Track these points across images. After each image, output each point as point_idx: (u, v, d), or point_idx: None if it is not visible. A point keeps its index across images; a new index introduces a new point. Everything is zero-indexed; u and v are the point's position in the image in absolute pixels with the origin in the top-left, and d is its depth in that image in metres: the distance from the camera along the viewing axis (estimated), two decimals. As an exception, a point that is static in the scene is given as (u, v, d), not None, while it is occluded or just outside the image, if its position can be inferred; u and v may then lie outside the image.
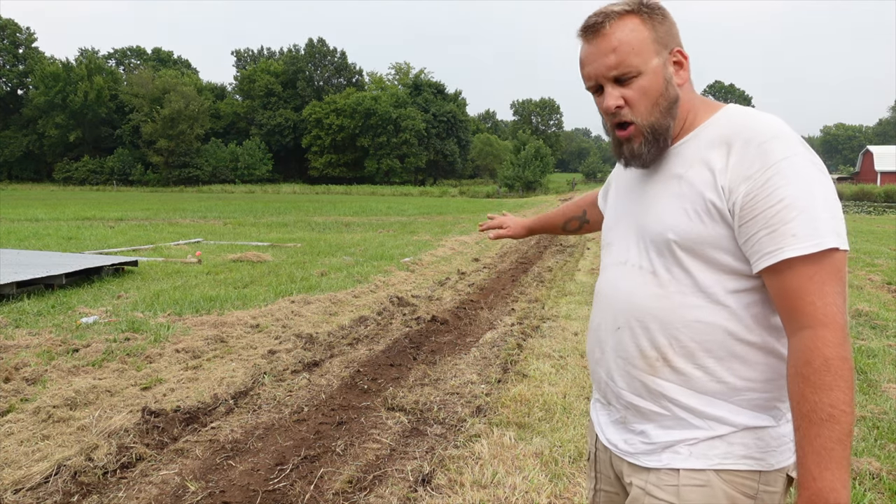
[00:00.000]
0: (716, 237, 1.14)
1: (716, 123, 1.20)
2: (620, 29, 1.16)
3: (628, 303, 1.24)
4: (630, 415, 1.26)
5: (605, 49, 1.17)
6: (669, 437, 1.20)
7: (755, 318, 1.16)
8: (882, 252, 12.32)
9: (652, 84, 1.18)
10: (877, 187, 45.66)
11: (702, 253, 1.15)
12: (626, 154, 1.24)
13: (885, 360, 5.02)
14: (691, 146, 1.21)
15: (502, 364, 4.94)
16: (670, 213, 1.18)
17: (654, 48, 1.17)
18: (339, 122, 66.31)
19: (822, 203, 1.07)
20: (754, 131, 1.13)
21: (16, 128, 66.06)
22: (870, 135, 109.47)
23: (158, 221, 19.23)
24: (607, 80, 1.19)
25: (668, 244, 1.18)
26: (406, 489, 3.00)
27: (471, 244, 13.70)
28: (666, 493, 1.19)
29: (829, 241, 1.05)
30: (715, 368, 1.16)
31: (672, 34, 1.21)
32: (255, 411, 3.97)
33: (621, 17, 1.17)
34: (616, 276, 1.29)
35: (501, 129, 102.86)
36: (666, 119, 1.20)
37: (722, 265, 1.15)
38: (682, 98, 1.22)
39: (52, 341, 5.28)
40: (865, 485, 3.01)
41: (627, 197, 1.33)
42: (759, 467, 1.16)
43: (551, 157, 59.99)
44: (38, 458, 3.19)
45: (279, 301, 7.13)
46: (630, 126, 1.21)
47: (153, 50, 78.56)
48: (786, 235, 1.06)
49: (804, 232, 1.05)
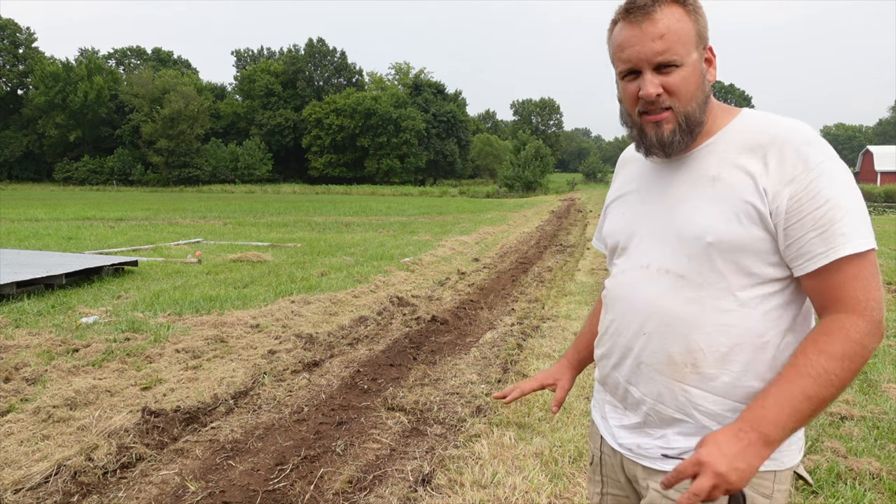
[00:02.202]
0: (753, 240, 1.13)
1: (740, 128, 1.19)
2: (669, 16, 1.14)
3: (656, 308, 1.21)
4: (650, 420, 1.24)
5: (653, 34, 1.13)
6: (689, 444, 1.19)
7: (785, 322, 1.16)
8: (882, 252, 12.32)
9: (691, 77, 1.16)
10: (877, 187, 45.62)
11: (737, 257, 1.14)
12: (654, 141, 1.19)
13: (885, 360, 5.02)
14: (719, 149, 1.19)
15: (502, 364, 4.94)
16: (706, 216, 1.16)
17: (695, 41, 1.16)
18: (339, 122, 66.30)
19: (860, 204, 1.10)
20: (789, 135, 1.13)
21: (16, 128, 66.05)
22: (870, 135, 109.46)
23: (158, 221, 19.23)
24: (650, 65, 1.15)
25: (705, 247, 1.16)
26: (406, 489, 3.00)
27: (471, 244, 13.70)
28: None
29: (872, 241, 1.09)
30: (742, 373, 1.16)
31: (707, 30, 1.20)
32: (255, 411, 3.97)
33: (669, 4, 1.15)
34: (636, 280, 1.25)
35: (501, 129, 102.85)
36: (702, 113, 1.19)
37: (755, 269, 1.15)
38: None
39: (52, 341, 5.28)
40: (865, 485, 3.01)
41: (645, 201, 1.29)
42: (775, 467, 1.17)
43: (551, 157, 59.96)
44: (38, 458, 3.19)
45: (279, 301, 7.13)
46: (666, 111, 1.17)
47: (153, 50, 78.56)
48: (836, 235, 1.08)
49: (851, 231, 1.08)
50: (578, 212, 26.11)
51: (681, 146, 1.19)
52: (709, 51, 1.20)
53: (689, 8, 1.17)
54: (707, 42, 1.20)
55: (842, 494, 2.92)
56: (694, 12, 1.17)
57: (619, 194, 1.38)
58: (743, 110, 1.23)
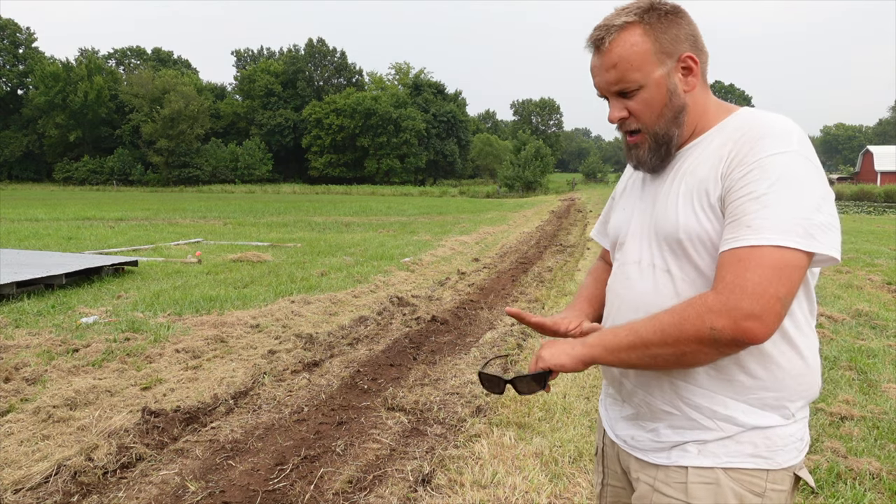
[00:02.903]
0: (716, 232, 1.15)
1: (726, 126, 1.22)
2: (620, 45, 1.18)
3: (644, 302, 1.24)
4: (643, 412, 1.28)
5: (607, 64, 1.20)
6: (679, 438, 1.21)
7: None
8: (882, 252, 12.32)
9: (654, 96, 1.19)
10: (877, 187, 45.64)
11: (712, 251, 1.16)
12: (634, 160, 1.29)
13: (885, 360, 5.02)
14: (700, 147, 1.23)
15: (502, 364, 4.94)
16: (678, 212, 1.20)
17: (656, 59, 1.18)
18: (339, 122, 66.29)
19: (792, 202, 1.06)
20: (755, 129, 1.15)
21: (16, 128, 66.07)
22: (870, 135, 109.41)
23: (158, 221, 19.23)
24: (610, 93, 1.22)
25: (680, 242, 1.19)
26: (406, 489, 3.00)
27: (471, 244, 13.70)
28: (674, 490, 1.21)
29: (784, 240, 1.04)
30: (728, 367, 1.17)
31: (680, 39, 1.19)
32: (255, 411, 3.97)
33: (622, 30, 1.17)
34: (631, 275, 1.29)
35: (501, 129, 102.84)
36: (671, 128, 1.22)
37: None
38: (693, 103, 1.23)
39: (52, 341, 5.28)
40: (865, 485, 3.01)
41: (639, 196, 1.34)
42: (767, 466, 1.17)
43: (551, 157, 59.97)
44: (38, 458, 3.19)
45: (279, 301, 7.13)
46: (638, 133, 1.24)
47: (153, 50, 78.54)
48: (741, 226, 1.08)
49: (759, 225, 1.06)
50: (578, 212, 26.11)
51: (656, 162, 1.26)
52: (686, 59, 1.20)
53: (649, 26, 1.17)
54: (682, 52, 1.19)
55: (842, 494, 2.92)
56: (655, 29, 1.17)
57: (623, 189, 1.45)
58: (740, 109, 1.25)
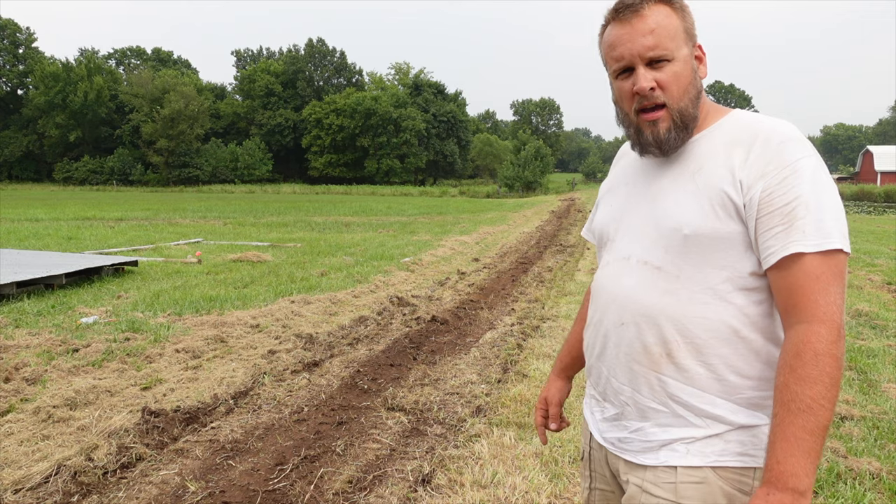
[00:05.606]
0: (728, 233, 1.15)
1: (728, 125, 1.22)
2: (657, 12, 1.18)
3: (633, 299, 1.23)
4: (628, 412, 1.27)
5: (643, 30, 1.18)
6: (667, 436, 1.21)
7: (759, 316, 1.17)
8: (882, 252, 12.32)
9: (683, 71, 1.20)
10: (877, 187, 45.64)
11: (713, 249, 1.16)
12: (650, 139, 1.22)
13: (885, 360, 5.02)
14: (704, 144, 1.23)
15: (502, 364, 4.94)
16: (684, 209, 1.19)
17: (684, 37, 1.20)
18: (339, 122, 66.25)
19: (830, 205, 1.11)
20: (772, 132, 1.16)
21: (16, 128, 66.01)
22: (870, 135, 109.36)
23: (158, 221, 19.23)
24: (642, 61, 1.19)
25: (682, 240, 1.18)
26: (406, 489, 3.00)
27: (471, 244, 13.70)
28: (664, 491, 1.20)
29: (837, 243, 1.08)
30: (718, 366, 1.17)
31: (694, 28, 1.23)
32: (255, 411, 3.97)
33: (656, 3, 1.19)
34: (618, 272, 1.28)
35: (501, 129, 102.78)
36: (694, 108, 1.22)
37: (731, 263, 1.16)
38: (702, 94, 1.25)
39: (52, 341, 5.28)
40: (865, 485, 3.01)
41: (631, 193, 1.33)
42: (755, 464, 1.17)
43: (551, 157, 59.99)
44: (38, 458, 3.19)
45: (279, 301, 7.13)
46: (661, 109, 1.20)
47: (153, 50, 78.50)
48: (796, 230, 1.09)
49: (813, 230, 1.09)
50: (578, 212, 26.11)
51: (677, 143, 1.22)
52: (698, 48, 1.24)
53: (676, 6, 1.21)
54: (696, 40, 1.23)
55: (842, 494, 2.92)
56: (681, 10, 1.21)
57: (610, 187, 1.43)
58: (734, 110, 1.27)
